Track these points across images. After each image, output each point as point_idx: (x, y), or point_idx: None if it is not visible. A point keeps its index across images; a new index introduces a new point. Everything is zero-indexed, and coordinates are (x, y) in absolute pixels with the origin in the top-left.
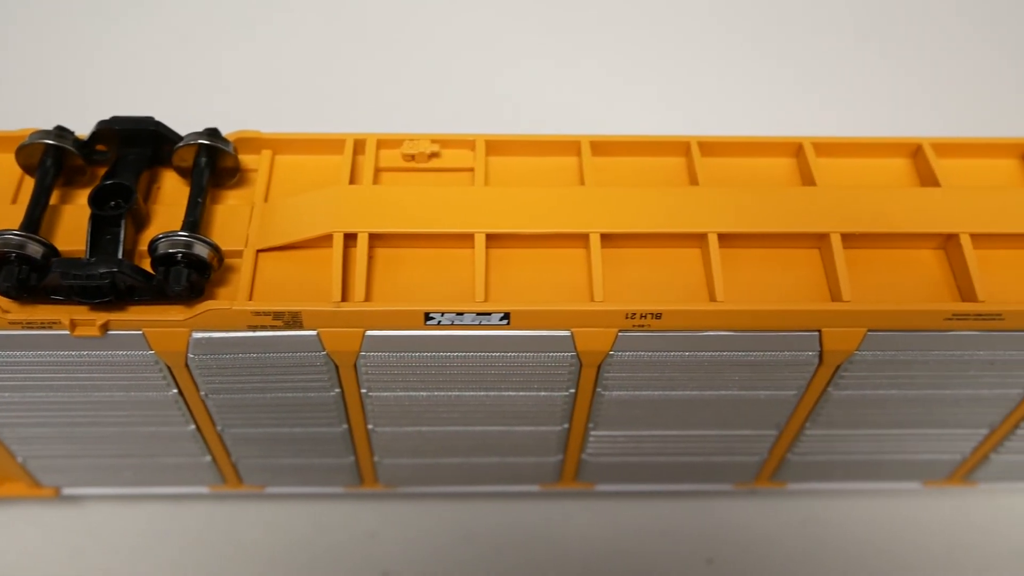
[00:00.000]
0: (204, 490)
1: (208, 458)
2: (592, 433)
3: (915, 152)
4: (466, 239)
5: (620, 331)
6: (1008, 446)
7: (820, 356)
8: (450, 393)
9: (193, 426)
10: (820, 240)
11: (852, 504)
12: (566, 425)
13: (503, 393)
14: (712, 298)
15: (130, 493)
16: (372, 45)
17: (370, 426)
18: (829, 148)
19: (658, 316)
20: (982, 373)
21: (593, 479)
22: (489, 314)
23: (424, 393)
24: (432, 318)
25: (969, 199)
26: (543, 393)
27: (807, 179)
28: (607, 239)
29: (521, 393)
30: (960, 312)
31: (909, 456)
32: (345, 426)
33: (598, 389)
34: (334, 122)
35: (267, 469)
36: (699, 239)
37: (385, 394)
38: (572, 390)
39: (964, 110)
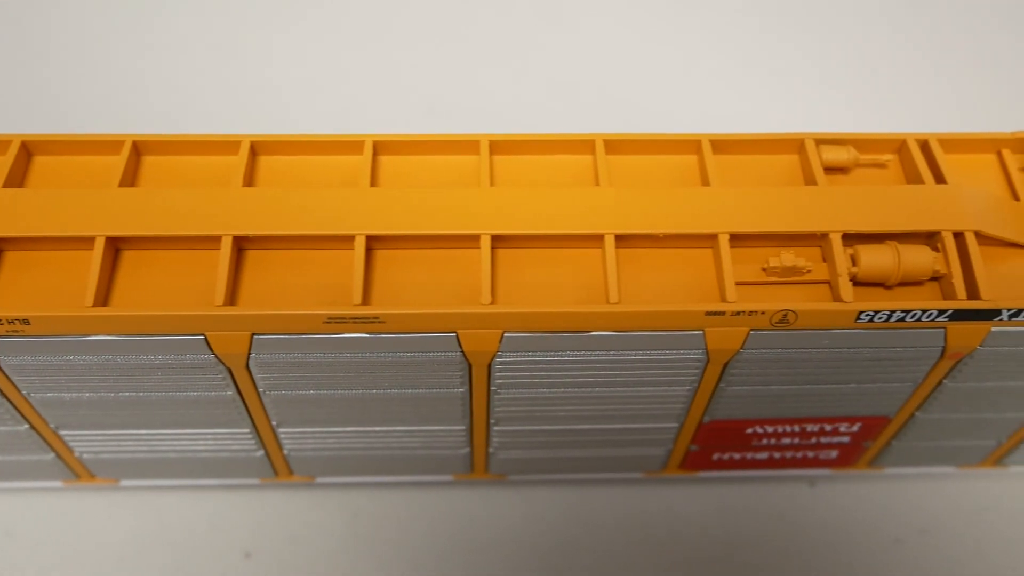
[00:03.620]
0: None
1: None
2: (60, 432)
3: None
4: None
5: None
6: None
7: (214, 358)
8: None
9: None
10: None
11: (391, 496)
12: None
13: None
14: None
15: None
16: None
17: None
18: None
19: (26, 322)
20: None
21: (109, 475)
22: None
23: None
24: None
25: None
26: None
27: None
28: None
29: None
30: (336, 315)
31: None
32: None
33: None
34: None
35: None
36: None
37: None
38: None
39: None
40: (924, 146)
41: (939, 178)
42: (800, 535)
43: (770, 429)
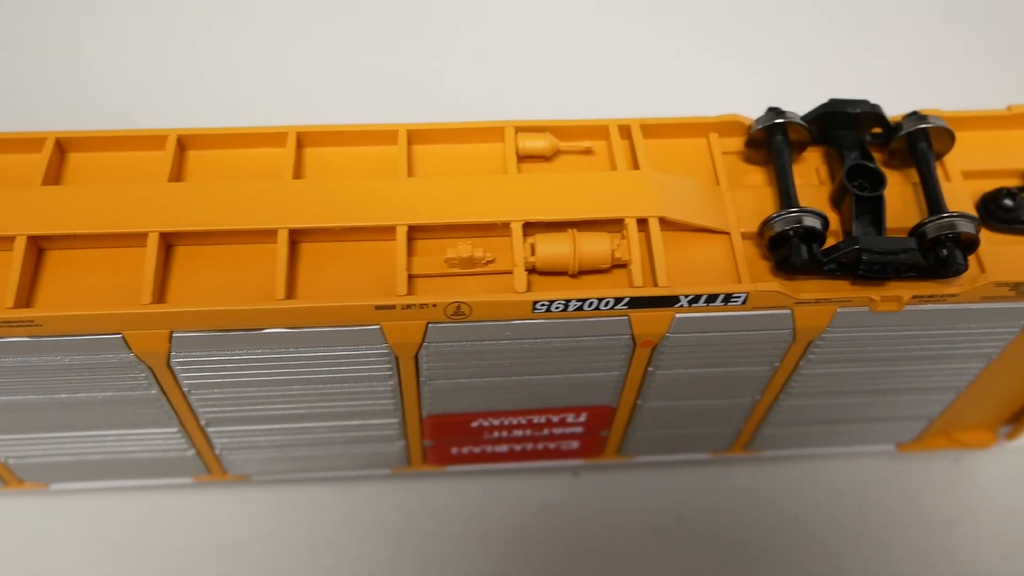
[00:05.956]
0: None
1: None
2: None
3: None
4: None
5: None
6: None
7: None
8: None
9: None
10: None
11: (139, 500)
12: None
13: None
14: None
15: None
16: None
17: None
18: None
19: None
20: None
21: None
22: None
23: None
24: None
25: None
26: None
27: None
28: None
29: None
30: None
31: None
32: None
33: None
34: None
35: None
36: None
37: None
38: None
39: None
40: (626, 132)
41: (635, 164)
42: (563, 525)
43: (496, 422)
